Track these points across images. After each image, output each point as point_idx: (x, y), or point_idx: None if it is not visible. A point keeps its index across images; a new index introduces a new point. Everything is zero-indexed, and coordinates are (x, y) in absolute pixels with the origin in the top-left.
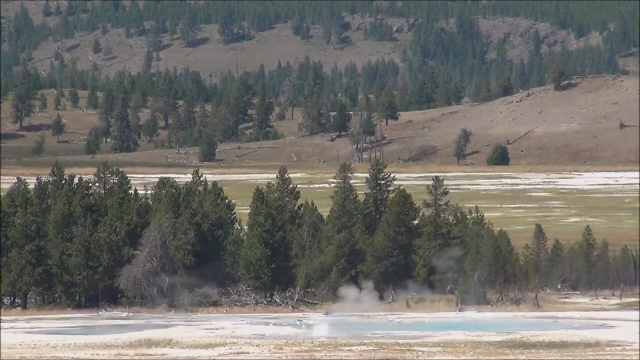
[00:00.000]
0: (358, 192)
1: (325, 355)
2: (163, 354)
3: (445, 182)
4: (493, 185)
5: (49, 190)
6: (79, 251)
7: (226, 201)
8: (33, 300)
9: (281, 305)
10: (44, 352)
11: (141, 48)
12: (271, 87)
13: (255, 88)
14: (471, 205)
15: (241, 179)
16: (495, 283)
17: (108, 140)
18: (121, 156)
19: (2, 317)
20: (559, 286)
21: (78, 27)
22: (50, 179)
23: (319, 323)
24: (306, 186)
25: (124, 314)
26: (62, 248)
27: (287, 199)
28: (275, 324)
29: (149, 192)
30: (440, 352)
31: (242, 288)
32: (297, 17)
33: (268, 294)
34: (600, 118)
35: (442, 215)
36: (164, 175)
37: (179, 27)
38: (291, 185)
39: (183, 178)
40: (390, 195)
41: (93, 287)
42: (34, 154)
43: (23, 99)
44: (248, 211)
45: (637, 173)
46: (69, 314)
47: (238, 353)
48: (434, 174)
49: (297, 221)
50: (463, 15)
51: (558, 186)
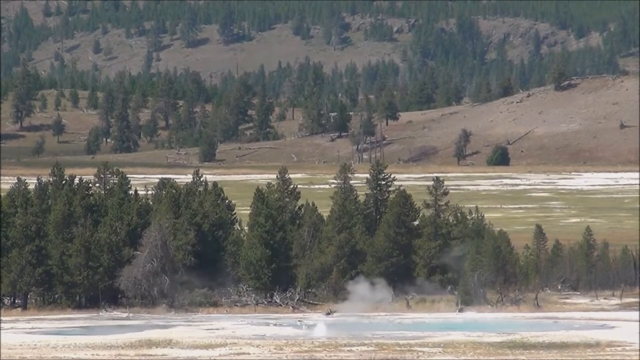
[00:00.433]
0: (358, 193)
1: (325, 355)
2: (163, 355)
3: (445, 183)
4: (493, 185)
5: (49, 190)
6: (80, 251)
7: (226, 202)
8: (33, 300)
9: (281, 305)
10: (44, 353)
11: (141, 48)
12: (271, 88)
13: (255, 88)
14: (471, 205)
15: (241, 180)
16: (495, 283)
17: (108, 140)
18: (121, 156)
19: (3, 318)
20: (559, 287)
21: (78, 28)
22: (50, 180)
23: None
24: (306, 187)
25: (125, 315)
26: (63, 248)
27: (288, 200)
28: (275, 325)
29: (150, 193)
30: (440, 353)
31: (243, 288)
32: (297, 18)
33: (268, 295)
34: (600, 118)
35: (443, 215)
36: (165, 175)
37: (179, 28)
38: (291, 185)
39: (183, 178)
40: (390, 195)
41: (93, 288)
42: (34, 155)
43: (23, 100)
44: (248, 212)
45: (637, 173)
46: (69, 315)
47: (238, 353)
48: (434, 175)
49: (298, 222)
50: (463, 15)
51: (558, 187)
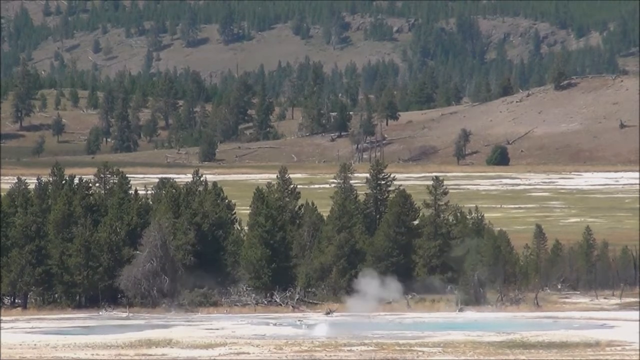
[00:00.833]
0: (358, 193)
1: (325, 355)
2: (163, 354)
3: (445, 182)
4: (493, 185)
5: (49, 190)
6: (79, 251)
7: (226, 201)
8: (33, 300)
9: (281, 305)
10: (44, 352)
11: (141, 48)
12: (271, 87)
13: (255, 88)
14: (471, 205)
15: (241, 179)
16: (495, 283)
17: (108, 140)
18: (121, 156)
19: (3, 317)
20: (559, 286)
21: (78, 27)
22: (50, 179)
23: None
24: (306, 186)
25: (124, 314)
26: (63, 248)
27: (288, 199)
28: (275, 324)
29: (149, 192)
30: (440, 353)
31: (243, 288)
32: (297, 17)
33: (268, 294)
34: (600, 118)
35: (442, 215)
36: (164, 175)
37: (179, 27)
38: (291, 185)
39: (183, 178)
40: (390, 195)
41: (93, 287)
42: (34, 154)
43: (23, 99)
44: (248, 211)
45: (637, 173)
46: (69, 314)
47: (238, 353)
48: (434, 174)
49: (298, 221)
50: (463, 15)
51: (558, 186)
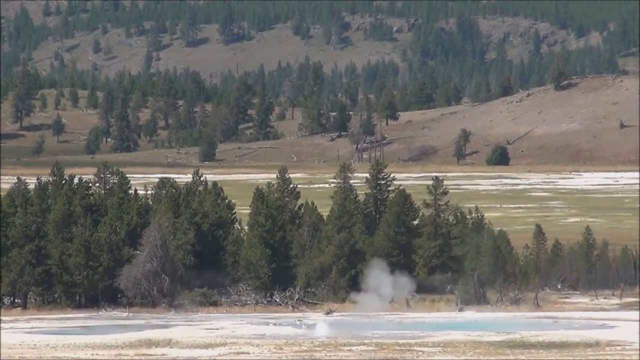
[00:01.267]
0: (358, 192)
1: (325, 355)
2: (163, 354)
3: (445, 182)
4: (493, 185)
5: (49, 190)
6: (79, 251)
7: (226, 201)
8: (33, 300)
9: (281, 305)
10: (44, 352)
11: (141, 48)
12: (271, 87)
13: (255, 88)
14: (471, 205)
15: (241, 179)
16: (495, 283)
17: (108, 140)
18: (121, 156)
19: (2, 317)
20: (559, 286)
21: (78, 27)
22: (50, 179)
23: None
24: (306, 186)
25: (124, 314)
26: (62, 248)
27: (287, 199)
28: (275, 324)
29: (149, 192)
30: (440, 352)
31: (242, 288)
32: (297, 17)
33: (268, 294)
34: (600, 118)
35: (442, 215)
36: (164, 175)
37: (179, 27)
38: (291, 185)
39: (183, 178)
40: (390, 195)
41: (93, 287)
42: (34, 154)
43: (23, 99)
44: (248, 211)
45: (637, 173)
46: (69, 314)
47: (238, 353)
48: (434, 174)
49: (297, 221)
50: (463, 15)
51: (558, 186)
